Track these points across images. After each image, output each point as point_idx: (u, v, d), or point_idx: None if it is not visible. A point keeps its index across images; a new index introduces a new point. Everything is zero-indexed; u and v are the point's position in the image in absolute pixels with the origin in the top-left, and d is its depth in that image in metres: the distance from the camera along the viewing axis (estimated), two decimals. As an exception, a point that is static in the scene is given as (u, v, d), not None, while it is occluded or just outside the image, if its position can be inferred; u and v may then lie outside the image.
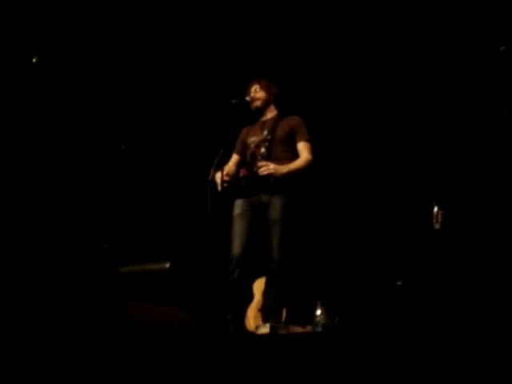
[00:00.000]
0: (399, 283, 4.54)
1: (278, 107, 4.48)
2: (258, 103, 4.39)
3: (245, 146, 4.42)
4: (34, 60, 5.37)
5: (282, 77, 4.80)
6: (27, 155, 5.27)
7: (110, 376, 0.90)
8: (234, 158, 4.47)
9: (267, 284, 4.25)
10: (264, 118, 4.43)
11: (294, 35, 5.34)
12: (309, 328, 3.86)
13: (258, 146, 4.27)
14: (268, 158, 4.20)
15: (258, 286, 4.65)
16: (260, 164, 4.13)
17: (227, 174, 4.19)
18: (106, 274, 0.96)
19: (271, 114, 4.44)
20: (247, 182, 4.20)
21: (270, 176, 4.11)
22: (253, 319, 4.38)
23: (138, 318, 0.99)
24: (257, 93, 4.40)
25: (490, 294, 3.89)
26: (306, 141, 4.29)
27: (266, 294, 4.28)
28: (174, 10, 5.39)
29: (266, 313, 4.18)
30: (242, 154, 4.43)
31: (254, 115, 4.48)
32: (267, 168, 4.10)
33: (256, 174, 4.14)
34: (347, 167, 5.33)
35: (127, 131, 5.67)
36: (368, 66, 5.28)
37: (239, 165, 4.40)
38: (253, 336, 3.84)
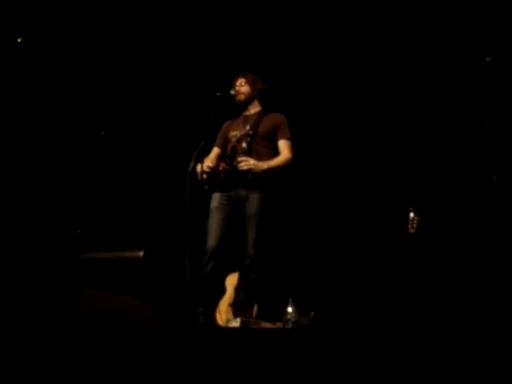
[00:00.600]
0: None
1: (262, 103, 4.47)
2: (241, 97, 4.38)
3: (226, 139, 4.41)
4: (19, 40, 5.30)
5: (268, 72, 4.79)
6: (3, 139, 5.20)
7: (57, 359, 0.88)
8: (215, 150, 4.46)
9: (240, 279, 4.25)
10: (247, 113, 4.43)
11: (282, 31, 5.33)
12: (279, 325, 3.86)
13: (239, 141, 4.26)
14: (249, 153, 4.20)
15: (231, 280, 4.65)
16: (240, 159, 4.12)
17: (207, 166, 4.18)
18: (61, 255, 0.95)
19: (255, 109, 4.44)
20: (226, 176, 4.20)
21: (249, 171, 4.11)
22: (224, 313, 4.37)
23: (92, 305, 0.97)
24: (242, 87, 4.39)
25: (463, 295, 3.94)
26: (288, 139, 4.30)
27: (238, 288, 4.28)
28: (160, 2, 5.36)
29: (237, 307, 4.18)
30: (223, 148, 4.42)
31: (237, 109, 4.47)
32: (247, 163, 4.10)
33: (236, 168, 4.13)
34: (325, 168, 5.34)
35: (108, 117, 5.62)
36: (352, 69, 5.29)
37: (219, 158, 4.40)
38: (223, 329, 3.83)
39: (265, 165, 4.16)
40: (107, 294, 1.05)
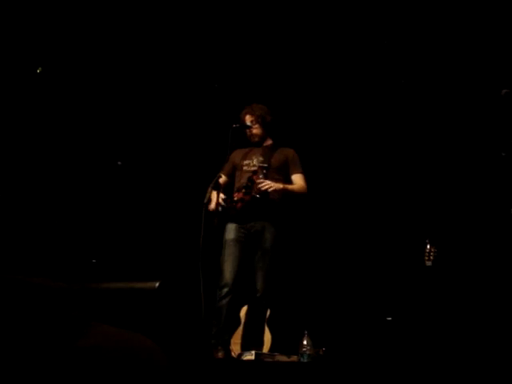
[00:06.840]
0: (389, 318, 4.51)
1: (272, 135, 4.49)
2: (255, 139, 4.45)
3: (236, 168, 4.41)
4: (38, 70, 5.37)
5: (280, 104, 4.81)
6: (24, 167, 5.25)
7: None
8: (222, 178, 4.45)
9: (250, 312, 4.23)
10: (259, 146, 4.45)
11: (294, 66, 5.38)
12: (294, 358, 3.82)
13: (255, 172, 4.25)
14: None
15: (246, 312, 4.61)
16: (259, 181, 4.14)
17: (222, 198, 4.18)
18: (46, 295, 0.93)
19: (266, 142, 4.48)
20: (244, 206, 4.19)
21: (267, 192, 4.11)
22: (238, 345, 4.33)
23: (92, 339, 0.94)
24: (254, 128, 4.41)
25: (479, 329, 3.88)
26: (301, 173, 4.37)
27: (248, 321, 4.25)
28: (177, 33, 5.42)
29: (250, 340, 4.15)
30: (231, 176, 4.42)
31: (247, 139, 4.49)
32: (266, 183, 4.11)
33: (254, 198, 4.13)
34: (341, 201, 5.32)
35: (125, 148, 5.66)
36: (366, 101, 5.31)
37: (228, 187, 4.40)
38: (237, 362, 3.79)
39: (281, 185, 4.18)
40: (111, 329, 1.01)
